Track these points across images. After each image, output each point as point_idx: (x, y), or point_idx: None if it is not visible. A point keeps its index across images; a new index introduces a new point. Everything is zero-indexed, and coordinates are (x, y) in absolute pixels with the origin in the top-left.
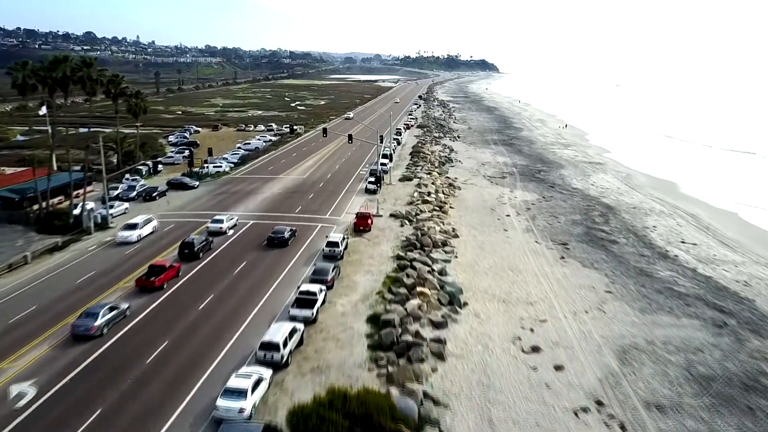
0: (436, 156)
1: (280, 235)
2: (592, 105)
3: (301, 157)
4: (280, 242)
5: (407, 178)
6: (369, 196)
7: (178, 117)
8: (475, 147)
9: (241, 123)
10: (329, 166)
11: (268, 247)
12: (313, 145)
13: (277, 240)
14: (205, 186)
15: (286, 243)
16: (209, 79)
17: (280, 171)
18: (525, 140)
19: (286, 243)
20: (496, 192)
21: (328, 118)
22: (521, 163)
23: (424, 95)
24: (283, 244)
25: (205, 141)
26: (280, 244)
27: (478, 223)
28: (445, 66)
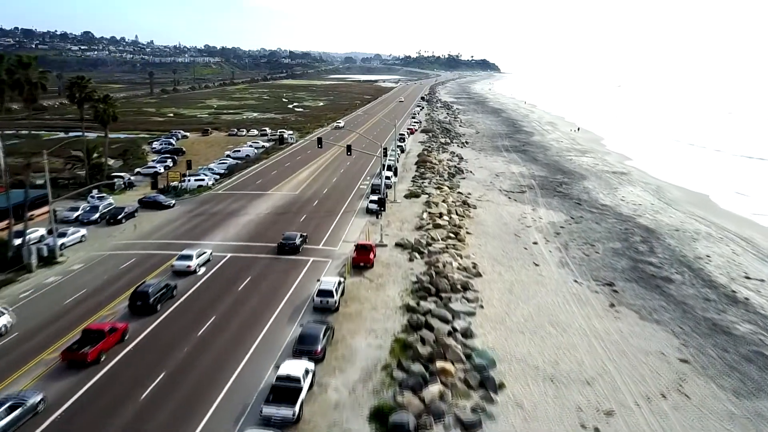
0: (444, 166)
1: (290, 241)
2: (598, 106)
3: (294, 168)
4: (291, 249)
5: (414, 194)
6: (370, 218)
7: (168, 120)
8: (486, 154)
9: (233, 127)
10: (325, 179)
11: (279, 253)
12: (309, 153)
13: (288, 246)
14: (183, 204)
15: (297, 249)
16: (206, 79)
17: (270, 185)
18: (538, 146)
19: (297, 249)
20: (516, 211)
21: (326, 121)
22: (539, 173)
23: (426, 96)
24: (294, 251)
25: (192, 147)
26: (291, 250)
27: (502, 255)
28: (445, 66)
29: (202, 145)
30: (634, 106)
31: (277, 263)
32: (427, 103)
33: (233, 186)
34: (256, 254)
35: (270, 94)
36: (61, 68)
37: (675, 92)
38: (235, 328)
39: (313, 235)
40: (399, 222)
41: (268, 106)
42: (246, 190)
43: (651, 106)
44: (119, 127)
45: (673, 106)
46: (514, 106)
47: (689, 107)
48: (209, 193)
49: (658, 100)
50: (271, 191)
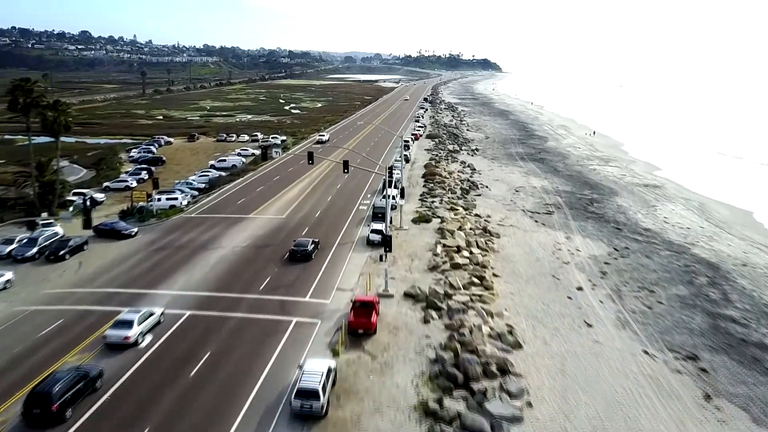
0: (455, 179)
1: (302, 248)
2: (605, 107)
3: (283, 182)
4: (303, 256)
5: (423, 218)
6: (372, 252)
7: (156, 123)
8: (500, 164)
9: (223, 132)
10: (318, 197)
11: (290, 261)
12: (301, 164)
13: (300, 253)
14: (147, 232)
15: (309, 256)
16: (203, 79)
17: (253, 206)
18: (555, 153)
19: (309, 256)
20: (548, 240)
21: (323, 124)
22: (564, 188)
23: (429, 97)
24: (306, 258)
25: (175, 155)
26: (303, 257)
27: (542, 310)
28: (446, 65)
29: (186, 152)
30: (641, 107)
31: (249, 326)
32: (430, 104)
33: (211, 206)
34: (224, 311)
35: (267, 94)
36: (57, 68)
37: (676, 92)
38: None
39: (299, 279)
40: (407, 258)
41: (264, 107)
42: (225, 212)
43: (657, 107)
44: (102, 132)
45: (679, 107)
46: (521, 107)
47: (694, 108)
48: (181, 216)
49: (662, 100)
50: (253, 214)
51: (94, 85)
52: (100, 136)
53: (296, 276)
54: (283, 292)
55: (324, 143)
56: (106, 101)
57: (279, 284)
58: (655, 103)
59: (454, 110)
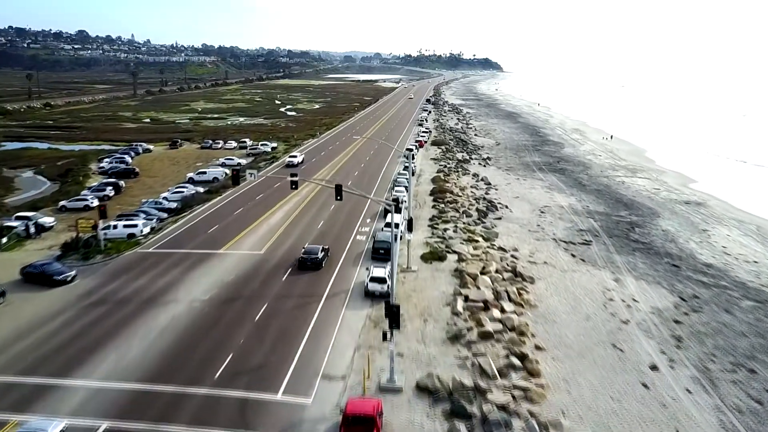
0: (469, 197)
1: (313, 255)
2: (613, 109)
3: (267, 202)
4: (313, 264)
5: (436, 255)
6: (372, 310)
7: (142, 126)
8: (517, 176)
9: (209, 137)
10: (307, 224)
11: (300, 271)
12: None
13: (309, 262)
14: (89, 275)
15: (320, 265)
16: (199, 79)
17: (226, 236)
18: (576, 162)
19: (320, 265)
20: (593, 283)
21: (319, 128)
22: (596, 207)
23: (432, 98)
24: (316, 266)
25: (152, 165)
26: (314, 266)
27: (614, 413)
28: (447, 65)
29: (165, 162)
30: (648, 109)
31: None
32: (433, 106)
33: (176, 236)
34: (155, 424)
35: (263, 95)
36: (52, 68)
37: (678, 92)
38: None
39: (273, 362)
40: (418, 317)
41: (258, 109)
42: (191, 244)
43: (664, 108)
44: (80, 137)
45: (685, 109)
46: (528, 109)
47: (699, 109)
48: (137, 250)
49: (666, 101)
50: (224, 249)
51: (86, 86)
52: (78, 141)
53: (269, 350)
54: (247, 383)
55: (296, 167)
56: (93, 102)
57: (244, 366)
58: (660, 104)
59: (458, 112)
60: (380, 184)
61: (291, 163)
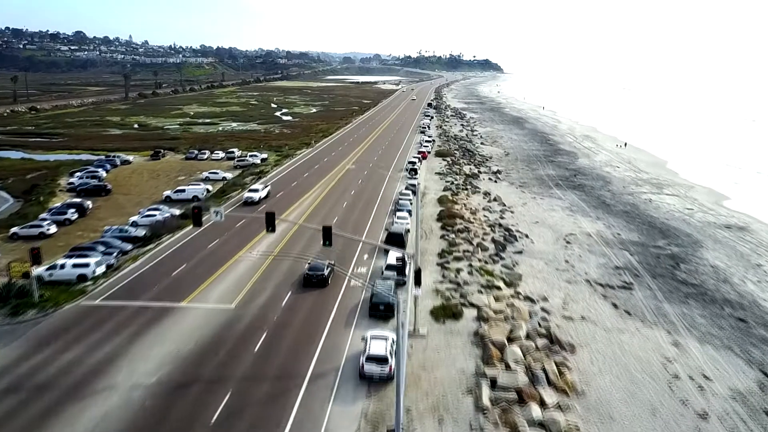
0: (482, 222)
1: (318, 272)
2: (619, 112)
3: (247, 233)
4: (319, 281)
5: (450, 310)
6: (369, 403)
7: (127, 133)
8: (532, 193)
9: (195, 147)
10: (291, 263)
11: (305, 286)
12: (279, 197)
13: (315, 278)
14: (12, 341)
15: (326, 282)
16: (195, 81)
17: (192, 282)
18: (593, 176)
19: (326, 282)
20: (648, 350)
21: (315, 135)
22: (628, 235)
23: (433, 102)
24: (322, 283)
25: (129, 180)
26: (320, 283)
27: None
28: (447, 66)
29: (143, 175)
30: (655, 113)
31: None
32: (435, 110)
33: (133, 280)
34: None
35: (259, 98)
36: (48, 69)
37: (683, 95)
38: None
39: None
40: (430, 413)
41: (253, 113)
42: (147, 294)
43: (668, 111)
44: (59, 145)
45: (693, 113)
46: (533, 113)
47: (710, 113)
48: (80, 302)
49: (671, 104)
50: (187, 301)
51: (79, 88)
52: (56, 150)
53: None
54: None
55: (256, 204)
56: (82, 106)
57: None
58: (665, 107)
59: (462, 117)
60: (379, 207)
61: (250, 199)
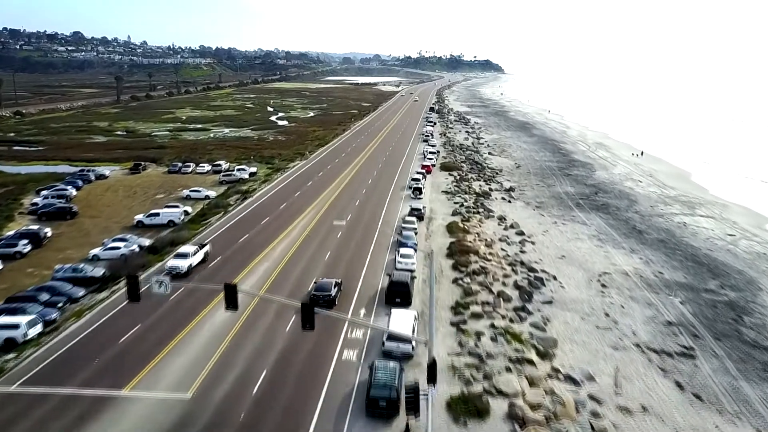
0: (500, 258)
1: (325, 292)
2: (626, 116)
3: (221, 277)
4: (326, 301)
5: (472, 407)
6: None
7: (112, 141)
8: (552, 216)
9: (177, 161)
10: (263, 335)
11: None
12: (263, 224)
13: (322, 299)
14: None
15: (333, 302)
16: (192, 82)
17: (141, 356)
18: (616, 193)
19: (333, 302)
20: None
21: (311, 142)
22: (672, 275)
23: (435, 106)
24: (330, 304)
25: (101, 199)
26: (327, 303)
27: None
28: (447, 67)
29: (118, 193)
30: (662, 115)
31: None
32: (437, 115)
33: (68, 350)
34: None
35: (256, 101)
36: (45, 70)
37: (689, 95)
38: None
39: None
40: None
41: (247, 118)
42: (80, 376)
43: (681, 113)
44: (37, 156)
45: (702, 114)
46: (540, 117)
47: (712, 115)
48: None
49: (679, 104)
50: (129, 388)
51: (72, 90)
52: (31, 161)
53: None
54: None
55: (185, 277)
56: (71, 110)
57: None
58: (672, 108)
59: (466, 123)
60: (380, 239)
61: (175, 269)
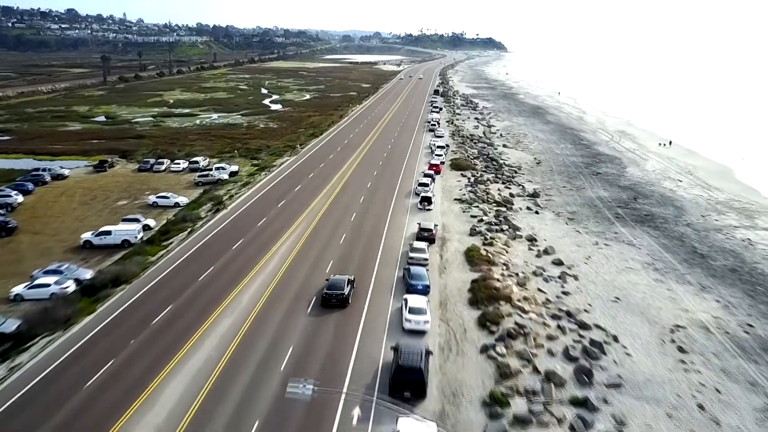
0: (538, 306)
1: (338, 291)
2: (637, 96)
3: (177, 333)
4: (338, 301)
5: None
6: None
7: (87, 129)
8: (592, 235)
9: (149, 156)
10: (235, 411)
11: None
12: (232, 254)
13: (334, 298)
14: None
15: (346, 301)
16: (187, 61)
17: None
18: (657, 198)
19: (346, 301)
20: None
21: (305, 130)
22: (766, 330)
23: (440, 88)
24: (343, 303)
25: (51, 207)
26: (340, 303)
27: None
28: (449, 44)
29: (74, 198)
30: (673, 97)
31: None
32: (443, 98)
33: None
34: None
35: (250, 81)
36: (38, 48)
37: (699, 76)
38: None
39: None
40: None
41: (239, 101)
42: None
43: (691, 95)
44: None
45: (717, 97)
46: (552, 101)
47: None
48: None
49: (689, 86)
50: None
51: (60, 70)
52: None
53: None
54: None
55: None
56: (53, 93)
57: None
58: (686, 90)
59: (474, 108)
60: (380, 275)
61: None
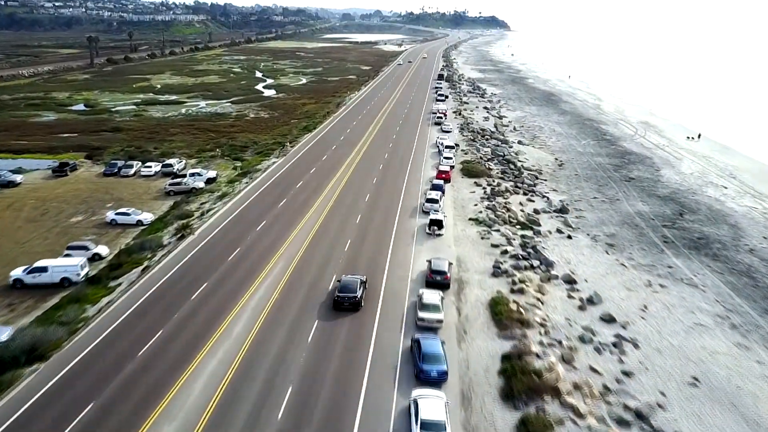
0: (597, 407)
1: (350, 294)
2: (651, 80)
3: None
4: (351, 304)
5: None
6: None
7: (61, 120)
8: (641, 270)
9: (120, 156)
10: None
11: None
12: (192, 302)
13: (347, 301)
14: None
15: (359, 304)
16: (181, 41)
17: None
18: (705, 213)
19: (359, 304)
20: None
21: (298, 121)
22: None
23: (444, 72)
24: (355, 307)
25: None
26: (352, 306)
27: None
28: (451, 23)
29: (21, 213)
30: (686, 81)
31: None
32: (448, 84)
33: None
34: None
35: (244, 64)
36: (30, 27)
37: (712, 57)
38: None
39: None
40: None
41: (230, 86)
42: None
43: (705, 78)
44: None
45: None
46: (564, 86)
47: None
48: None
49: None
50: None
51: (49, 51)
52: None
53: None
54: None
55: None
56: (35, 76)
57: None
58: (699, 73)
59: (482, 95)
60: (377, 348)
61: None
